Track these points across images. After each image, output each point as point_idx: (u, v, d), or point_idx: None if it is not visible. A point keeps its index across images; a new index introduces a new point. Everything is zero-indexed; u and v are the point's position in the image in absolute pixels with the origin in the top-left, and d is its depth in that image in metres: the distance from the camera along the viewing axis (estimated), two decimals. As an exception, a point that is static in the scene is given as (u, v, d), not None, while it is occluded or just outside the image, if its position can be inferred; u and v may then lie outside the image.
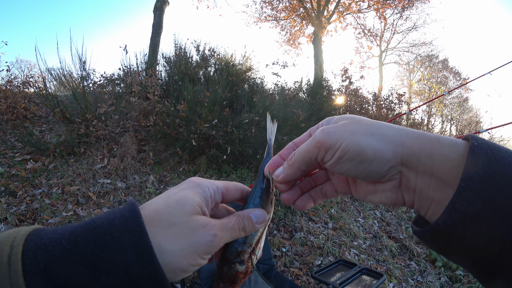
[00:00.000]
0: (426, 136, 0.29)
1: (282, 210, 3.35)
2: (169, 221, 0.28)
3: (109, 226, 0.25)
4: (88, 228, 0.25)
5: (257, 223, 0.34)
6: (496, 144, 0.27)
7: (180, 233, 0.28)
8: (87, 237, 0.24)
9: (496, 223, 0.23)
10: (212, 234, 0.30)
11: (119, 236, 0.25)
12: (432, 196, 0.28)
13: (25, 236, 0.24)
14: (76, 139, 3.59)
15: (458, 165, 0.26)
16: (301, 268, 2.72)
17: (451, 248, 0.27)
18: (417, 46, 18.62)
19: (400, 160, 0.29)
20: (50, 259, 0.23)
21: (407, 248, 3.51)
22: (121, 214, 0.27)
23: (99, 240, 0.24)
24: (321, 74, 7.23)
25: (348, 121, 0.32)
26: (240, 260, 0.35)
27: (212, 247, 0.30)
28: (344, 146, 0.30)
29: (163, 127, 3.54)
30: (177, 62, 4.98)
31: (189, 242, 0.28)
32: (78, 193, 3.00)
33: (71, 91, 3.83)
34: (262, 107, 3.84)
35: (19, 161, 3.27)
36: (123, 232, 0.25)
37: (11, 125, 3.99)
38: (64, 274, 0.23)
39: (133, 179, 3.34)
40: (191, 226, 0.29)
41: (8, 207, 2.68)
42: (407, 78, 21.61)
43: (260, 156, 3.45)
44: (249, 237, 0.35)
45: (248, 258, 0.35)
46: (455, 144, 0.28)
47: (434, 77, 18.20)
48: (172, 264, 0.27)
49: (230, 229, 0.32)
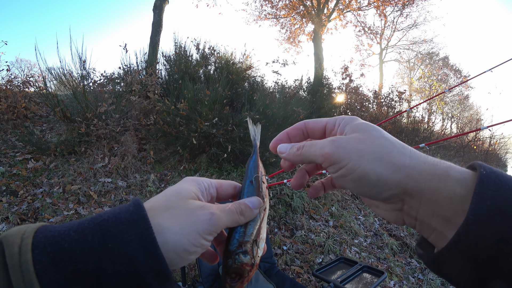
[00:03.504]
0: (435, 169, 0.28)
1: (283, 208, 3.35)
2: (167, 206, 0.30)
3: (115, 219, 0.26)
4: (95, 221, 0.26)
5: (254, 208, 0.35)
6: (504, 173, 0.26)
7: (178, 214, 0.29)
8: (94, 229, 0.25)
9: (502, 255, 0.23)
10: (209, 212, 0.31)
11: (124, 228, 0.26)
12: (434, 227, 0.28)
13: (35, 229, 0.25)
14: (76, 138, 3.59)
15: (464, 200, 0.26)
16: (302, 266, 2.73)
17: (454, 273, 0.27)
18: (418, 43, 18.58)
19: (403, 190, 0.29)
20: (59, 250, 0.24)
21: (408, 246, 3.51)
22: (126, 209, 0.28)
23: (105, 232, 0.25)
24: (321, 72, 7.21)
25: (362, 135, 0.31)
26: (243, 251, 0.35)
27: (212, 225, 0.30)
28: (349, 167, 0.30)
29: (163, 125, 3.54)
30: (177, 60, 4.97)
31: (188, 221, 0.29)
32: (79, 192, 3.01)
33: (71, 90, 3.83)
34: (262, 105, 3.83)
35: (20, 161, 3.28)
36: (128, 225, 0.26)
37: (11, 125, 3.99)
38: (72, 263, 0.24)
39: (134, 178, 3.34)
40: (188, 207, 0.30)
41: (9, 206, 2.69)
42: (408, 75, 21.58)
43: (261, 155, 3.45)
44: (249, 228, 0.36)
45: (251, 248, 0.35)
46: (464, 179, 0.27)
47: (435, 74, 18.18)
48: (173, 243, 0.28)
49: (227, 211, 0.33)
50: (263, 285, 1.78)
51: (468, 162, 0.30)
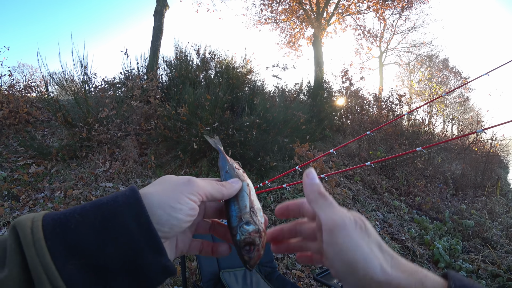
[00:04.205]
0: (412, 281, 0.30)
1: (284, 212, 3.33)
2: (156, 183, 0.35)
3: (113, 202, 0.30)
4: (96, 205, 0.30)
5: (232, 182, 0.39)
6: (475, 285, 0.29)
7: (164, 184, 0.34)
8: (96, 212, 0.29)
9: None
10: (188, 177, 0.35)
11: (121, 210, 0.29)
12: None
13: (43, 214, 0.29)
14: (78, 143, 3.60)
15: None
16: (303, 270, 2.72)
17: None
18: (417, 46, 18.63)
19: None
20: (66, 229, 0.28)
21: (410, 249, 3.49)
22: (123, 194, 0.31)
23: (105, 214, 0.29)
24: (321, 76, 7.24)
25: None
26: (245, 222, 0.37)
27: (191, 185, 0.34)
28: None
29: (164, 130, 3.55)
30: (177, 65, 5.00)
31: (170, 185, 0.34)
32: (80, 197, 3.01)
33: (72, 95, 3.85)
34: (262, 109, 3.84)
35: (21, 165, 3.29)
36: (125, 207, 0.30)
37: (13, 130, 4.02)
38: (78, 239, 0.27)
39: (135, 183, 3.35)
40: (172, 179, 0.35)
41: (11, 211, 2.70)
42: (408, 78, 21.61)
43: (262, 159, 3.44)
44: (241, 202, 0.39)
45: (251, 218, 0.37)
46: None
47: (435, 77, 18.20)
48: (158, 201, 0.32)
49: (208, 181, 0.37)
50: (264, 290, 1.77)
51: (470, 164, 0.31)
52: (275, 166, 3.47)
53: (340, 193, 3.87)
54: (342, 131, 6.68)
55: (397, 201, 4.68)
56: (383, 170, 5.71)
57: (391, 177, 5.60)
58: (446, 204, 5.08)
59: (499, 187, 5.93)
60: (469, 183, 6.42)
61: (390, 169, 5.77)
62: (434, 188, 5.69)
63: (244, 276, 1.88)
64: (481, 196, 5.63)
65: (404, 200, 4.97)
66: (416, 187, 5.37)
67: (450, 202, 5.20)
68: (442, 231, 4.02)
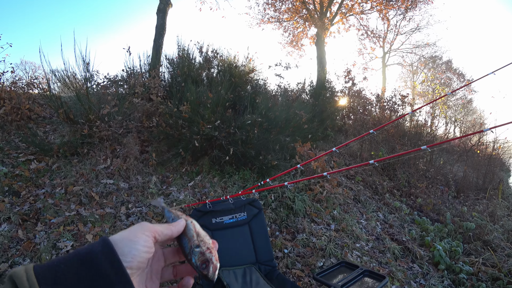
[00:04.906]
0: None
1: (285, 211, 3.34)
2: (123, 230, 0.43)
3: (91, 253, 0.37)
4: (77, 256, 0.37)
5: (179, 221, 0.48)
6: None
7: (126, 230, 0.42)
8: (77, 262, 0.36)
9: None
10: (142, 222, 0.44)
11: (98, 259, 0.36)
12: None
13: (32, 265, 0.35)
14: (79, 139, 3.60)
15: None
16: (303, 269, 2.71)
17: None
18: (421, 47, 18.51)
19: None
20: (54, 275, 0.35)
21: (410, 250, 3.47)
22: (98, 244, 0.38)
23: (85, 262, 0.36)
24: (324, 76, 7.21)
25: None
26: (195, 246, 0.45)
27: (145, 225, 0.43)
28: None
29: (166, 128, 3.54)
30: (180, 63, 5.00)
31: (130, 229, 0.42)
32: (81, 193, 3.01)
33: (74, 92, 3.85)
34: (265, 108, 3.82)
35: (23, 161, 3.29)
36: (101, 255, 0.37)
37: (15, 126, 4.03)
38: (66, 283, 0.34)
39: (136, 180, 3.34)
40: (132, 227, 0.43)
41: (11, 206, 2.70)
42: (411, 79, 21.49)
43: (263, 158, 3.43)
44: (188, 234, 0.47)
45: (199, 242, 0.46)
46: None
47: (438, 78, 18.10)
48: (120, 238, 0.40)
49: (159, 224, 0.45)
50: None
51: (472, 167, 0.30)
52: (277, 165, 3.46)
53: (341, 193, 3.86)
54: (344, 131, 6.66)
55: (398, 202, 4.67)
56: (384, 170, 5.69)
57: (392, 178, 5.58)
58: (447, 206, 5.05)
59: (501, 190, 5.90)
60: (470, 185, 6.39)
61: (391, 170, 5.75)
62: (435, 189, 5.67)
63: (243, 274, 1.87)
64: (482, 198, 5.60)
65: (405, 201, 4.95)
66: (417, 188, 5.35)
67: (451, 204, 5.18)
68: (443, 233, 4.00)
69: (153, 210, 3.02)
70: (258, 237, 2.09)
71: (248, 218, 2.10)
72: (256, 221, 2.12)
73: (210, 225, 1.97)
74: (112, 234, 2.65)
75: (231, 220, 2.03)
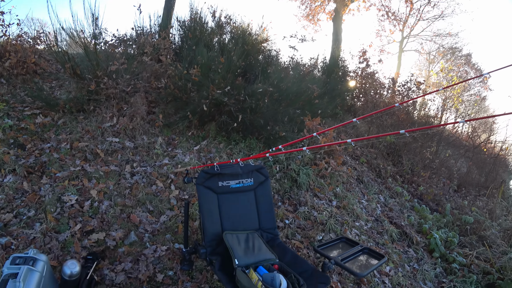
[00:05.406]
0: None
1: (288, 183, 3.34)
2: None
3: None
4: None
5: None
6: None
7: None
8: None
9: None
10: None
11: None
12: None
13: None
14: (85, 96, 3.54)
15: None
16: (302, 241, 2.74)
17: None
18: (442, 36, 17.65)
19: None
20: None
21: (407, 235, 3.52)
22: None
23: None
24: (338, 54, 6.95)
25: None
26: None
27: None
28: None
29: (174, 90, 3.46)
30: (191, 26, 4.79)
31: None
32: (86, 150, 3.01)
33: (82, 48, 3.73)
34: (276, 78, 3.70)
35: (28, 115, 3.26)
36: None
37: (21, 80, 3.97)
38: None
39: (142, 140, 3.32)
40: None
41: (16, 159, 2.70)
42: (426, 68, 20.77)
43: (271, 128, 3.38)
44: None
45: None
46: None
47: (455, 70, 17.46)
48: None
49: None
50: (266, 255, 1.78)
51: (476, 164, 0.24)
52: (284, 137, 3.41)
53: (346, 171, 3.85)
54: (353, 111, 6.55)
55: (400, 187, 4.67)
56: (390, 156, 5.65)
57: (396, 164, 5.55)
58: (447, 198, 5.08)
59: (502, 191, 5.87)
60: (472, 181, 6.37)
61: (396, 156, 5.70)
62: (437, 180, 5.66)
63: (246, 239, 1.88)
64: (483, 196, 5.59)
65: (407, 188, 4.96)
66: (420, 177, 5.33)
67: (452, 197, 5.20)
68: (440, 223, 4.05)
69: (158, 171, 3.02)
70: (262, 204, 2.08)
71: (254, 185, 2.08)
72: (262, 189, 2.10)
73: (217, 188, 1.94)
74: (116, 191, 2.67)
75: (237, 184, 2.01)
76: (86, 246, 2.15)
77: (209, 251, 1.83)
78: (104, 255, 2.15)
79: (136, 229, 2.41)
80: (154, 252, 2.26)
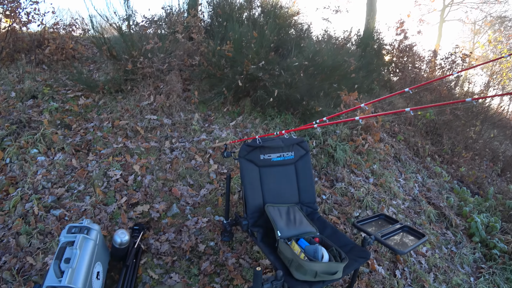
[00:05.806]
0: None
1: (325, 159, 3.29)
2: None
3: None
4: None
5: None
6: None
7: None
8: None
9: None
10: None
11: None
12: None
13: None
14: (123, 76, 3.67)
15: None
16: (339, 217, 2.73)
17: None
18: (489, 3, 15.72)
19: None
20: None
21: (446, 217, 3.38)
22: None
23: None
24: (373, 25, 6.49)
25: None
26: None
27: None
28: None
29: (207, 67, 3.46)
30: (220, 3, 4.70)
31: None
32: (127, 127, 3.14)
33: (116, 30, 3.82)
34: (311, 51, 3.55)
35: (71, 97, 3.45)
36: None
37: (61, 65, 4.19)
38: None
39: (179, 116, 3.41)
40: None
41: (64, 138, 2.88)
42: (471, 40, 18.85)
43: (306, 103, 3.29)
44: None
45: None
46: None
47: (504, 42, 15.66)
48: None
49: None
50: (306, 228, 1.80)
51: None
52: (321, 111, 3.32)
53: (383, 148, 3.71)
54: (389, 87, 6.18)
55: (439, 168, 4.42)
56: (428, 134, 5.33)
57: (435, 143, 5.23)
58: (490, 182, 4.75)
59: (549, 177, 5.33)
60: (519, 166, 5.84)
61: (436, 135, 5.36)
62: (480, 162, 5.27)
63: (287, 212, 1.89)
64: (530, 182, 5.14)
65: (446, 168, 4.68)
66: (461, 157, 4.99)
67: (495, 181, 4.85)
68: (482, 206, 3.83)
69: (196, 146, 3.10)
70: (303, 178, 2.07)
71: (295, 158, 2.07)
72: (302, 162, 2.08)
73: (258, 161, 1.96)
74: (157, 166, 2.78)
75: (278, 158, 2.01)
76: (132, 217, 2.30)
77: (251, 223, 1.87)
78: (149, 225, 2.28)
79: (177, 202, 2.52)
80: (195, 223, 2.36)
